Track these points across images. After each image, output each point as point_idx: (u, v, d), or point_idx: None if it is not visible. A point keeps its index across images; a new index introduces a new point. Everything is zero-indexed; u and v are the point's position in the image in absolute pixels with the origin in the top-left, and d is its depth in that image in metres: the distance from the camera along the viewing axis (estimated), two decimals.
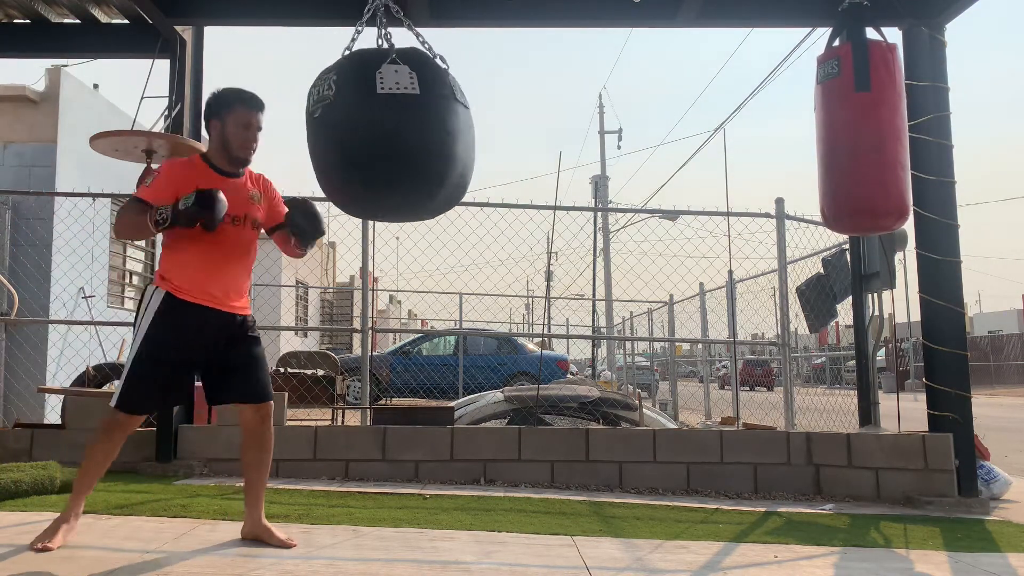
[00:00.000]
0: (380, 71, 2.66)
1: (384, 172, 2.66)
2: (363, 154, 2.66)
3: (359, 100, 2.66)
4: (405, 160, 2.66)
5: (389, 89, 2.64)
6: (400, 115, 2.65)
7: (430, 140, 2.69)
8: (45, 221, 8.00)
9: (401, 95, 2.65)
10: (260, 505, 3.18)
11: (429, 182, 2.73)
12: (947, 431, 4.64)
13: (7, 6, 5.13)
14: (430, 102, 2.70)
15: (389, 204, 2.82)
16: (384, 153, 2.64)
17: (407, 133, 2.65)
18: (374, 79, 2.65)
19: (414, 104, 2.67)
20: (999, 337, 32.53)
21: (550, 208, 6.21)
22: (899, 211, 3.59)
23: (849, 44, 3.62)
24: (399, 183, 2.70)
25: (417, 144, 2.68)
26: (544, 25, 5.17)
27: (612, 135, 25.49)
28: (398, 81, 2.66)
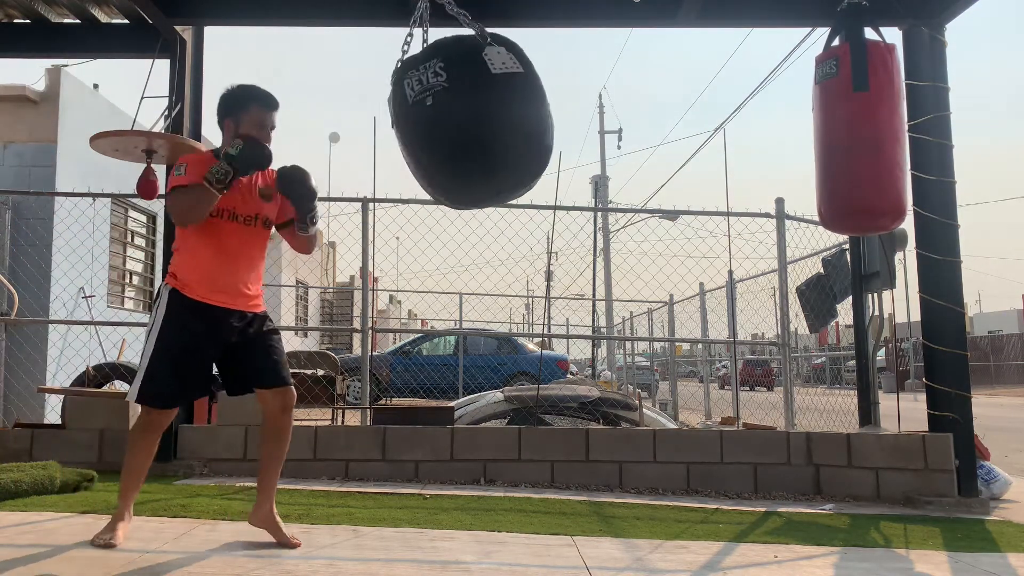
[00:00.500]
0: (486, 53, 2.74)
1: (509, 151, 2.74)
2: (491, 133, 2.71)
3: (479, 82, 2.70)
4: (529, 134, 2.76)
5: (501, 69, 2.72)
6: (516, 93, 2.75)
7: (544, 113, 2.82)
8: (45, 221, 8.00)
9: (512, 74, 2.74)
10: (272, 496, 3.16)
11: (546, 153, 2.85)
12: (947, 431, 4.64)
13: (7, 6, 5.13)
14: (533, 77, 2.83)
15: (508, 183, 2.86)
16: (511, 129, 2.72)
17: (526, 108, 2.76)
18: (485, 62, 2.72)
19: (522, 81, 2.77)
20: (999, 337, 32.52)
21: (550, 208, 6.21)
22: (896, 211, 3.59)
23: (847, 44, 3.62)
24: (521, 160, 2.78)
25: (535, 117, 2.78)
26: (544, 25, 5.17)
27: (612, 135, 25.52)
28: (504, 62, 2.75)
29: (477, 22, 2.92)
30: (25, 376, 7.19)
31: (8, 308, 7.08)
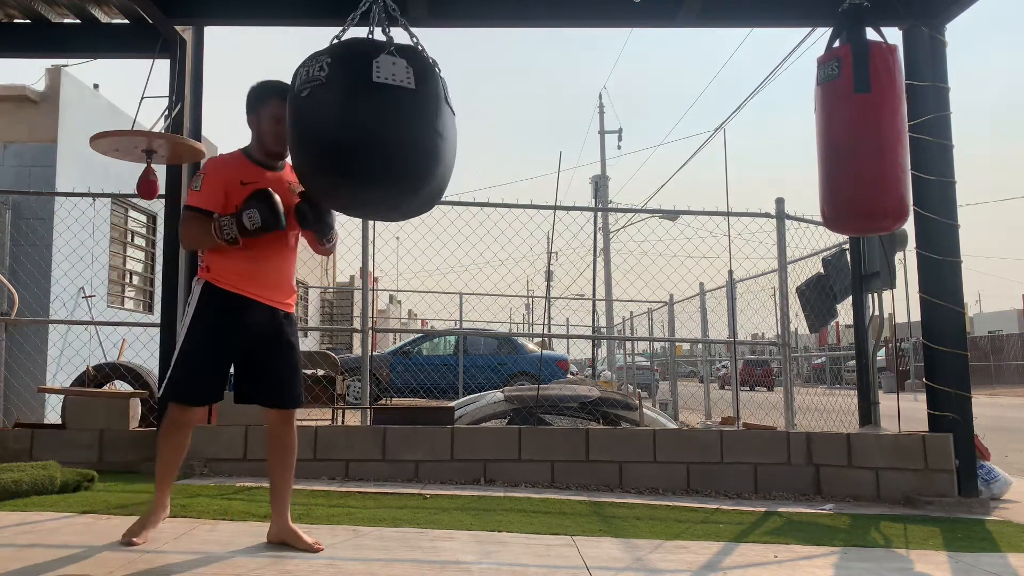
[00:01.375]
0: (377, 60, 2.61)
1: (370, 163, 2.60)
2: (351, 141, 2.59)
3: (354, 85, 2.59)
4: (393, 153, 2.60)
5: (385, 79, 2.59)
6: (393, 107, 2.60)
7: (420, 136, 2.65)
8: (45, 221, 8.00)
9: (396, 87, 2.60)
10: (286, 508, 3.14)
11: (414, 179, 2.67)
12: (947, 431, 4.64)
13: (7, 6, 5.13)
14: (424, 99, 2.66)
15: (366, 198, 2.74)
16: (373, 143, 2.58)
17: (399, 126, 2.60)
18: (371, 67, 2.60)
19: (408, 98, 2.62)
20: (999, 337, 32.53)
21: (550, 208, 6.21)
22: (899, 212, 3.59)
23: (849, 45, 3.61)
24: (383, 176, 2.64)
25: (407, 139, 2.63)
26: (544, 25, 5.18)
27: (612, 135, 25.53)
28: (395, 73, 2.61)
29: (407, 27, 2.86)
30: (25, 376, 7.19)
31: (8, 308, 7.08)
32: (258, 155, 3.11)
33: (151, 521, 3.10)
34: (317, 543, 3.08)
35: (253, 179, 3.01)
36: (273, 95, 3.06)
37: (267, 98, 3.07)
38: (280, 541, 3.10)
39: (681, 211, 6.53)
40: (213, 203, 2.97)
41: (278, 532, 3.13)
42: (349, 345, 20.36)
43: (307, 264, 19.51)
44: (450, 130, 2.76)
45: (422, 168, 2.67)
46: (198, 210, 2.97)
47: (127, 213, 9.69)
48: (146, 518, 3.10)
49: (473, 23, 5.07)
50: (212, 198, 2.98)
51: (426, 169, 2.68)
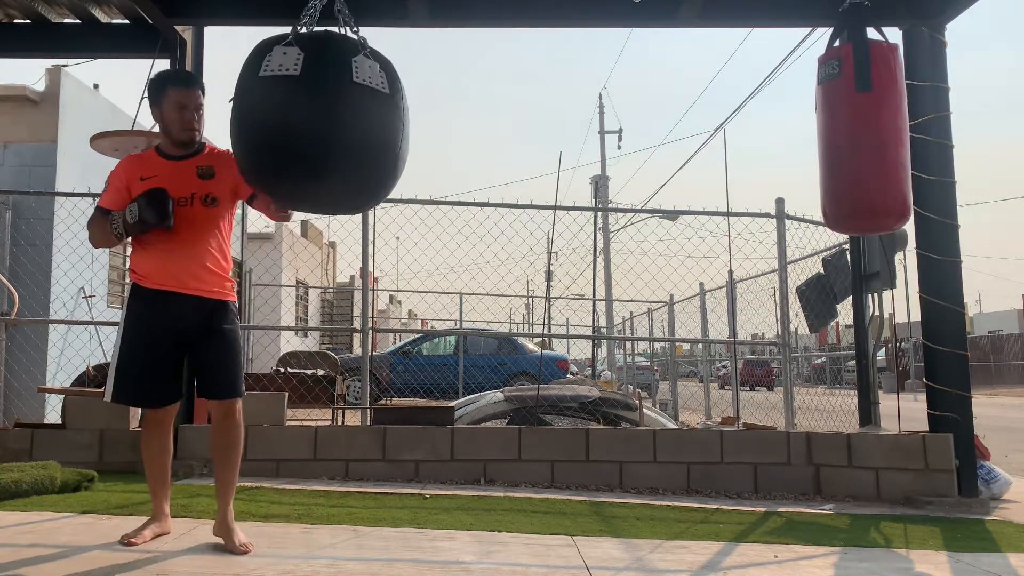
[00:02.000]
0: (356, 60, 2.59)
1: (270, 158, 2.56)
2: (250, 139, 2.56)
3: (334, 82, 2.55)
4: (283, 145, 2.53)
5: (364, 80, 2.57)
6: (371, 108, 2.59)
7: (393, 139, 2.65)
8: (45, 221, 8.00)
9: (373, 89, 2.59)
10: (226, 504, 3.08)
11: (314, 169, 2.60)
12: (947, 431, 4.64)
13: (7, 6, 5.13)
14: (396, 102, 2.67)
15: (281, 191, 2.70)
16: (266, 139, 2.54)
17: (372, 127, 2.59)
18: (350, 67, 2.57)
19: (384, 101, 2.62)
20: (999, 337, 32.53)
21: (550, 208, 6.21)
22: (900, 212, 3.58)
23: (850, 44, 3.61)
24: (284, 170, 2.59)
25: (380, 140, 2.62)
26: (544, 25, 5.17)
27: (612, 135, 25.52)
28: (371, 76, 2.60)
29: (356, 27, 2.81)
30: (25, 376, 7.19)
31: (8, 308, 7.08)
32: (166, 147, 3.12)
33: (151, 529, 3.09)
34: (245, 545, 3.00)
35: (152, 172, 3.04)
36: (170, 84, 3.08)
37: (165, 88, 3.07)
38: (217, 536, 3.08)
39: (681, 211, 6.53)
40: (114, 203, 3.05)
41: (217, 526, 3.09)
42: (349, 345, 20.37)
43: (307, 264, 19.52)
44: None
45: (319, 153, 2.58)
46: (100, 209, 3.06)
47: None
48: (149, 525, 3.10)
49: (473, 23, 5.07)
50: (113, 197, 3.05)
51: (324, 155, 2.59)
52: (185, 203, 3.04)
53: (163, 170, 3.05)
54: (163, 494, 3.17)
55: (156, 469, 3.14)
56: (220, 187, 3.09)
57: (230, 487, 3.11)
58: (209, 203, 3.08)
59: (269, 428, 4.86)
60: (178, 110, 3.05)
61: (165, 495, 3.18)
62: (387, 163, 2.69)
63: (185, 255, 3.04)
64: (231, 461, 3.11)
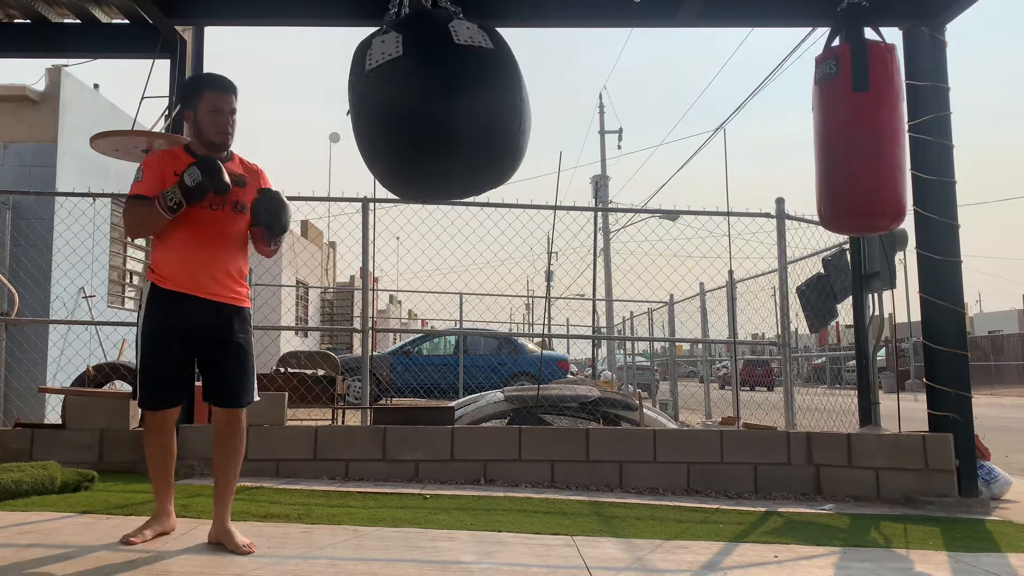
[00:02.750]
0: (452, 24, 2.54)
1: (466, 135, 2.42)
2: (443, 112, 2.40)
3: (437, 50, 2.47)
4: (489, 125, 2.42)
5: (467, 41, 2.50)
6: (480, 70, 2.47)
7: (513, 101, 2.51)
8: (45, 221, 8.00)
9: (479, 47, 2.51)
10: (225, 509, 3.07)
11: (510, 150, 2.50)
12: (947, 431, 4.64)
13: (7, 6, 5.14)
14: (505, 57, 2.56)
15: (454, 174, 2.56)
16: (469, 112, 2.40)
17: (491, 91, 2.47)
18: (448, 32, 2.50)
19: (491, 58, 2.51)
20: (999, 337, 32.51)
21: (550, 208, 6.21)
22: (896, 212, 3.59)
23: (847, 44, 3.62)
24: (478, 150, 2.46)
25: (499, 103, 2.48)
26: (544, 25, 5.18)
27: (612, 135, 25.51)
28: (471, 36, 2.54)
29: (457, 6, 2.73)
30: (25, 376, 7.19)
31: (8, 308, 7.08)
32: (198, 149, 3.10)
33: (153, 528, 3.08)
34: (249, 544, 2.98)
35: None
36: (206, 87, 3.08)
37: (201, 90, 3.08)
38: (216, 541, 3.03)
39: (681, 211, 6.53)
40: (152, 189, 2.96)
41: (215, 532, 3.05)
42: (349, 345, 20.37)
43: (307, 264, 19.51)
44: (526, 89, 2.59)
45: (515, 135, 2.50)
46: (139, 197, 2.97)
47: None
48: (150, 524, 3.10)
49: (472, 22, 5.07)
50: (152, 184, 2.98)
51: (521, 138, 2.51)
52: (217, 207, 3.04)
53: None
54: (166, 493, 3.16)
55: (159, 468, 3.13)
56: (249, 198, 3.10)
57: (229, 492, 3.10)
58: (239, 210, 3.08)
59: (269, 428, 4.86)
60: (213, 114, 3.04)
61: (168, 494, 3.17)
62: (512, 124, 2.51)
63: (209, 259, 3.03)
64: (232, 466, 3.10)
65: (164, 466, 3.13)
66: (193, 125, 3.10)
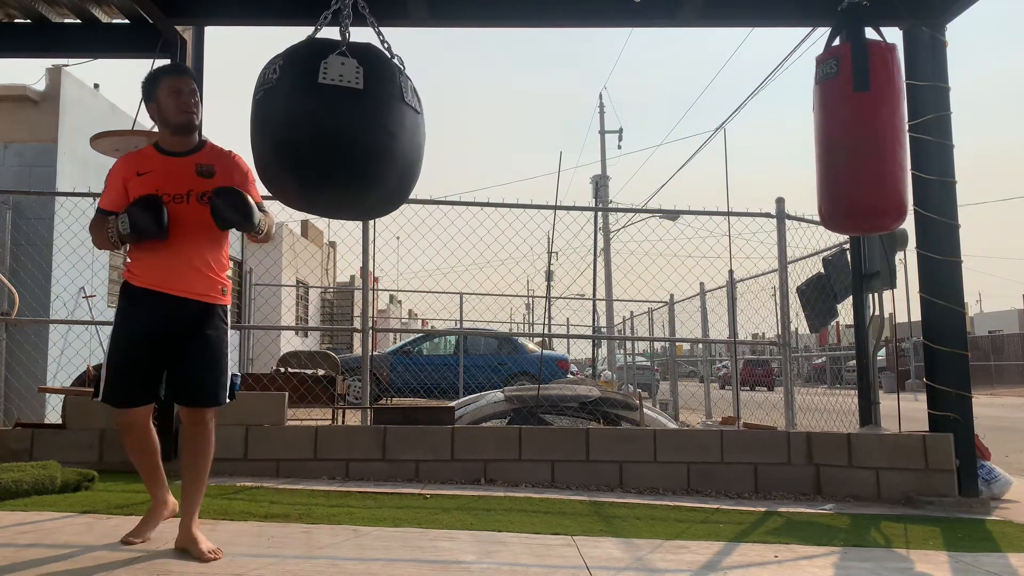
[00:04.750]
0: (326, 61, 2.58)
1: (316, 165, 2.59)
2: (295, 143, 2.57)
3: (300, 87, 2.57)
4: (337, 155, 2.57)
5: (331, 80, 2.56)
6: (338, 108, 2.56)
7: (367, 139, 2.60)
8: (46, 221, 8.00)
9: (343, 87, 2.56)
10: (191, 513, 2.98)
11: (363, 180, 2.63)
12: (948, 431, 4.64)
13: (7, 6, 5.13)
14: (373, 99, 2.61)
15: (322, 199, 2.74)
16: (318, 146, 2.56)
17: (343, 128, 2.56)
18: (318, 68, 2.56)
19: (354, 99, 2.57)
20: (999, 337, 32.50)
21: (550, 208, 6.21)
22: (897, 211, 3.59)
23: (848, 44, 3.62)
24: (329, 178, 2.62)
25: (351, 140, 2.58)
26: (544, 24, 5.18)
27: (612, 135, 25.51)
28: (342, 74, 2.57)
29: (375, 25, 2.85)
30: (25, 376, 7.19)
31: (8, 308, 7.08)
32: (165, 141, 3.05)
33: (151, 521, 3.09)
34: (214, 551, 2.89)
35: (149, 168, 2.97)
36: (161, 75, 3.06)
37: (157, 79, 3.04)
38: (181, 548, 2.93)
39: (681, 211, 6.53)
40: (112, 202, 2.99)
41: (181, 539, 2.96)
42: (349, 345, 20.37)
43: (307, 264, 19.52)
44: (406, 130, 2.68)
45: (371, 167, 2.63)
46: (100, 211, 3.01)
47: None
48: (147, 518, 3.10)
49: (473, 23, 5.08)
50: (112, 198, 3.00)
51: (375, 168, 2.63)
52: (180, 200, 2.95)
53: (160, 165, 2.99)
54: (157, 484, 3.12)
55: (142, 465, 3.07)
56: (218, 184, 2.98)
57: (197, 495, 3.02)
58: (205, 202, 2.95)
59: (269, 428, 4.86)
60: (173, 95, 3.00)
61: (160, 484, 3.12)
62: (417, 171, 2.78)
63: (175, 255, 2.96)
64: (198, 468, 3.04)
65: (147, 463, 3.07)
66: (158, 116, 3.05)
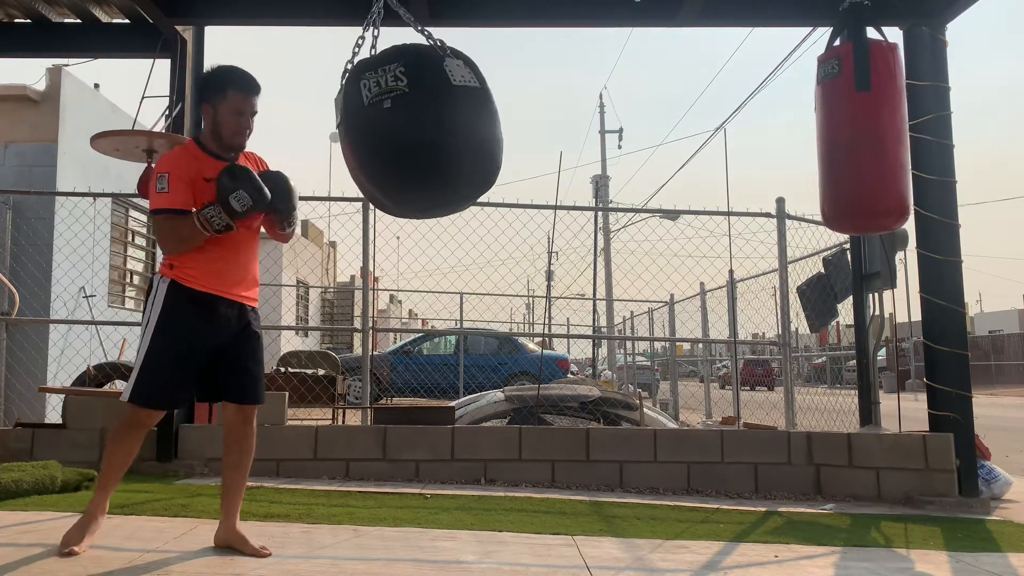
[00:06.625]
0: (447, 64, 2.71)
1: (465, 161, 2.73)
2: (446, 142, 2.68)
3: (440, 91, 2.68)
4: (480, 150, 2.74)
5: (461, 81, 2.71)
6: (473, 107, 2.73)
7: (496, 132, 2.81)
8: (46, 221, 8.00)
9: (471, 87, 2.73)
10: (235, 511, 3.05)
11: (494, 171, 2.84)
12: (948, 431, 4.64)
13: (7, 6, 5.13)
14: (487, 94, 2.82)
15: (449, 195, 2.84)
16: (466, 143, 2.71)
17: (482, 124, 2.75)
18: (446, 72, 2.69)
19: (480, 96, 2.76)
20: (1000, 337, 32.51)
21: (551, 208, 6.21)
22: (899, 211, 3.58)
23: (849, 44, 3.62)
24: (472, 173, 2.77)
25: (488, 134, 2.77)
26: (544, 24, 5.18)
27: (613, 135, 25.50)
28: (463, 75, 2.73)
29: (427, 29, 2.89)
30: (26, 376, 7.19)
31: (9, 308, 7.08)
32: (213, 146, 2.99)
33: (91, 527, 2.93)
34: (264, 548, 2.95)
35: (214, 174, 2.89)
36: (232, 86, 2.96)
37: (226, 88, 2.95)
38: (226, 545, 2.98)
39: (681, 211, 6.53)
40: (185, 202, 2.86)
41: (225, 535, 3.01)
42: (350, 345, 20.36)
43: (308, 264, 19.51)
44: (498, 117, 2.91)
45: (498, 159, 2.84)
46: (173, 211, 2.84)
47: (128, 213, 9.69)
48: (85, 523, 2.93)
49: (473, 23, 5.07)
50: (183, 197, 2.86)
51: (500, 162, 2.85)
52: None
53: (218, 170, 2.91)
54: (113, 490, 3.04)
55: (121, 467, 2.99)
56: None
57: (241, 493, 3.09)
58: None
59: (270, 428, 4.86)
60: (236, 115, 2.95)
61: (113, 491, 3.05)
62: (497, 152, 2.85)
63: (239, 261, 3.01)
64: (244, 469, 3.08)
65: (127, 464, 3.01)
66: (210, 120, 2.98)
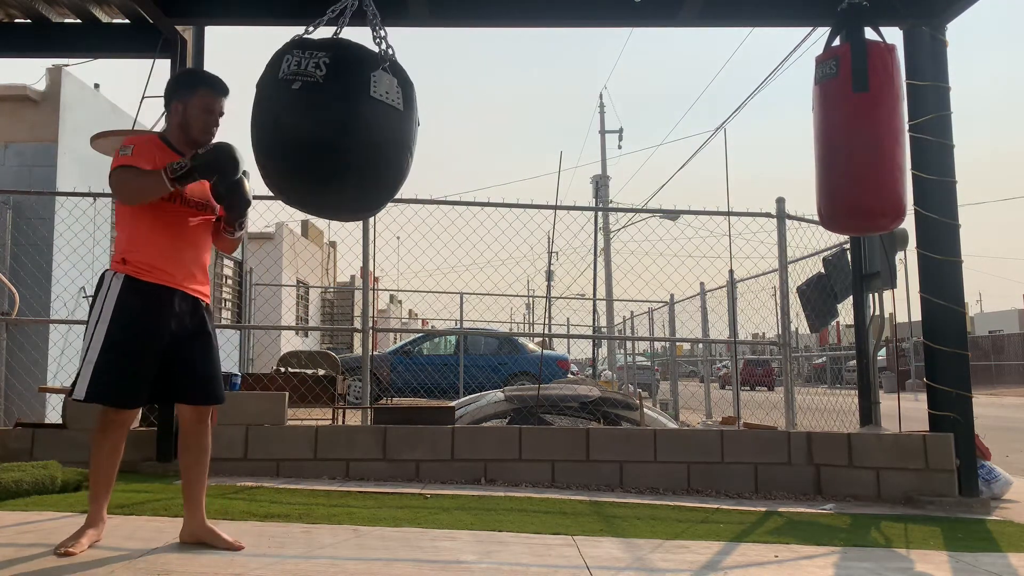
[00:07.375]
0: (375, 74, 2.65)
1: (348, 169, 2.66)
2: (338, 145, 2.60)
3: (352, 95, 2.61)
4: (376, 167, 2.68)
5: (381, 96, 2.64)
6: (383, 123, 2.66)
7: (397, 154, 2.74)
8: (46, 221, 8.00)
9: (389, 105, 2.66)
10: (200, 507, 3.07)
11: (385, 189, 2.80)
12: (948, 431, 4.64)
13: (7, 6, 5.13)
14: (409, 120, 2.76)
15: (329, 200, 2.80)
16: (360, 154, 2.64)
17: (386, 144, 2.68)
18: (369, 80, 2.62)
19: (397, 117, 2.69)
20: (1000, 337, 32.51)
21: (551, 208, 6.21)
22: (895, 211, 3.58)
23: (848, 44, 3.61)
24: (358, 183, 2.71)
25: (390, 157, 2.71)
26: (544, 24, 5.17)
27: (613, 134, 25.52)
28: (388, 91, 2.66)
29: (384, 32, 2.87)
30: (26, 376, 7.20)
31: (9, 308, 7.08)
32: (177, 143, 3.04)
33: (88, 533, 2.93)
34: (237, 541, 3.00)
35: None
36: (203, 85, 3.06)
37: (197, 86, 3.06)
38: (196, 541, 3.03)
39: (681, 211, 6.53)
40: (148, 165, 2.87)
41: (192, 532, 3.04)
42: (350, 345, 20.36)
43: (308, 264, 19.52)
44: (415, 147, 2.88)
45: (392, 181, 2.80)
46: (134, 168, 2.86)
47: None
48: (81, 533, 2.92)
49: (473, 23, 5.07)
50: (146, 164, 2.87)
51: (395, 182, 2.81)
52: (203, 207, 3.06)
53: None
54: (106, 497, 3.03)
55: (108, 469, 2.99)
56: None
57: (203, 490, 3.09)
58: (214, 212, 3.12)
59: (269, 428, 4.86)
60: (205, 113, 3.03)
61: (107, 498, 3.05)
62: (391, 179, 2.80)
63: (189, 255, 3.03)
64: (202, 465, 3.08)
65: (113, 467, 3.01)
66: (179, 116, 3.04)
